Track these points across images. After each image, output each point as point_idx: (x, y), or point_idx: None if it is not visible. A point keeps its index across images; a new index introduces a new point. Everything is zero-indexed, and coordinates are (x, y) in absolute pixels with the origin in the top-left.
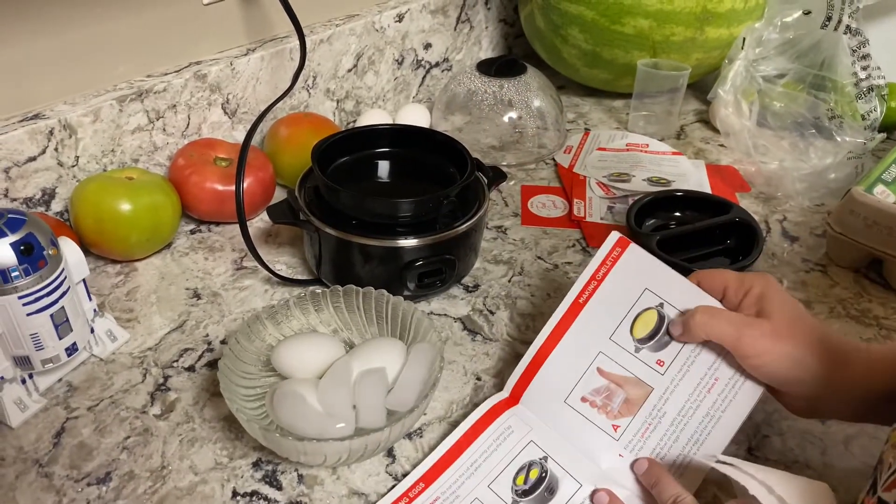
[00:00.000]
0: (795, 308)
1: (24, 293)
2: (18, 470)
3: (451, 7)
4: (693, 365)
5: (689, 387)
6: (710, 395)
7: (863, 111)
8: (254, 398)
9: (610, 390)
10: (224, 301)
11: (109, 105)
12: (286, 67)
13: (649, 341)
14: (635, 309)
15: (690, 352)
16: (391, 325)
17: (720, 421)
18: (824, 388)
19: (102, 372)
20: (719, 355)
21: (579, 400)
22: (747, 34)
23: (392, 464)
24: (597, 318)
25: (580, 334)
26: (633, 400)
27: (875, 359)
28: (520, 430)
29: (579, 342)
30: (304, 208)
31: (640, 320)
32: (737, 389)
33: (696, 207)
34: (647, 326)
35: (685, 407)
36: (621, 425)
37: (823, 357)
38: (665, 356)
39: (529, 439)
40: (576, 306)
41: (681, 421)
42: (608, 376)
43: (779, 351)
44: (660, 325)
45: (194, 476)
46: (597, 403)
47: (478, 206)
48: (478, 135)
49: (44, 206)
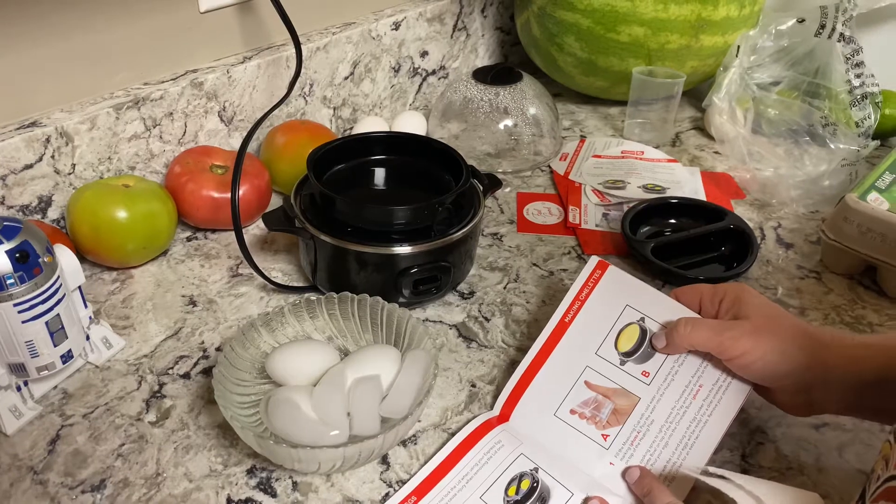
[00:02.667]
0: (771, 306)
1: (19, 300)
2: (13, 477)
3: (447, 15)
4: (677, 374)
5: (674, 394)
6: (696, 401)
7: (857, 118)
8: (248, 405)
9: (598, 402)
10: (220, 308)
11: (106, 113)
12: (283, 75)
13: (633, 354)
14: (618, 325)
15: (674, 362)
16: (386, 332)
17: (707, 424)
18: (812, 377)
19: (98, 379)
20: (702, 363)
21: (568, 412)
22: (742, 42)
23: (386, 471)
24: (582, 335)
25: (567, 351)
26: (622, 410)
27: (857, 344)
28: (510, 444)
29: (566, 359)
30: (300, 215)
31: (624, 335)
32: (721, 394)
33: (690, 214)
34: (630, 340)
35: (672, 413)
36: (611, 434)
37: (805, 345)
38: (650, 367)
39: (520, 452)
40: (562, 325)
41: (669, 427)
42: (596, 389)
43: (763, 346)
44: (642, 338)
45: (189, 483)
46: (586, 415)
47: (473, 213)
48: (474, 142)
49: (40, 213)
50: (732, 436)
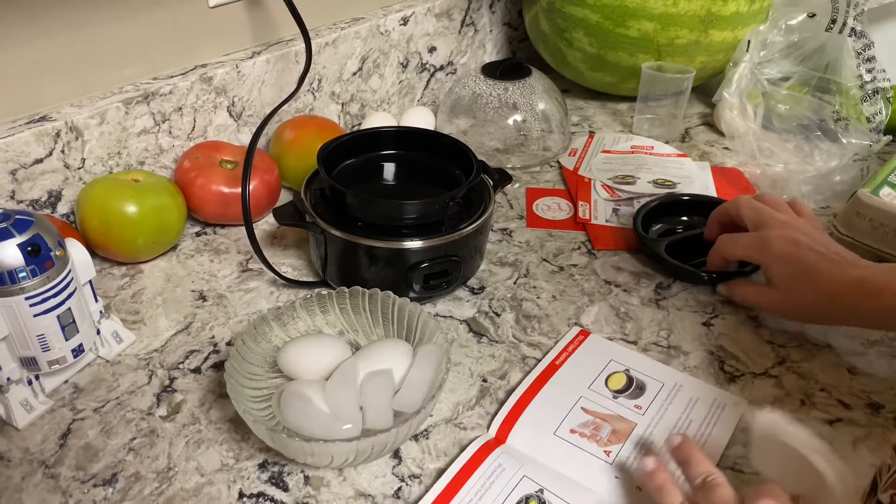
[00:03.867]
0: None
1: (31, 294)
2: (25, 471)
3: (455, 11)
4: (667, 411)
5: (669, 423)
6: (690, 429)
7: (868, 113)
8: (260, 399)
9: (597, 423)
10: (230, 303)
11: (116, 107)
12: (292, 70)
13: (624, 392)
14: (605, 371)
15: (663, 401)
16: (397, 326)
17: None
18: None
19: (108, 373)
20: (689, 401)
21: (568, 431)
22: (752, 37)
23: (399, 465)
24: (573, 375)
25: (560, 386)
26: (621, 431)
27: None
28: (511, 466)
29: (560, 390)
30: (310, 210)
31: (612, 379)
32: (711, 428)
33: (702, 212)
34: (619, 383)
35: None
36: (613, 451)
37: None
38: (642, 402)
39: (522, 474)
40: (552, 367)
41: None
42: (593, 413)
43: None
44: (630, 382)
45: (200, 477)
46: (586, 434)
47: (483, 208)
48: (482, 137)
49: (50, 208)
50: (744, 430)
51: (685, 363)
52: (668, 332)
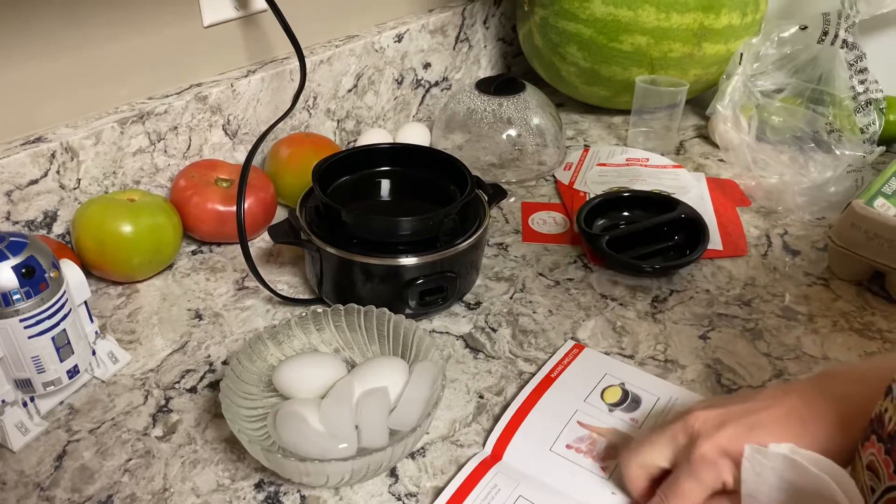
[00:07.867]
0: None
1: (25, 316)
2: (20, 494)
3: (449, 27)
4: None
5: None
6: None
7: (861, 125)
8: (255, 419)
9: (593, 438)
10: (226, 321)
11: (111, 127)
12: (286, 88)
13: (620, 406)
14: (601, 385)
15: (658, 415)
16: (393, 343)
17: None
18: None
19: (104, 394)
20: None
21: (564, 447)
22: (745, 50)
23: (395, 484)
24: (568, 388)
25: (555, 399)
26: (617, 445)
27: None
28: (507, 486)
29: (556, 404)
30: (306, 228)
31: (608, 392)
32: None
33: (643, 206)
34: (614, 396)
35: None
36: (609, 466)
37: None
38: (637, 416)
39: (518, 494)
40: (547, 380)
41: None
42: (589, 427)
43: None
44: (625, 396)
45: (196, 498)
46: (582, 449)
47: (478, 223)
48: (477, 153)
49: (45, 228)
50: None
51: (682, 377)
52: (665, 345)
